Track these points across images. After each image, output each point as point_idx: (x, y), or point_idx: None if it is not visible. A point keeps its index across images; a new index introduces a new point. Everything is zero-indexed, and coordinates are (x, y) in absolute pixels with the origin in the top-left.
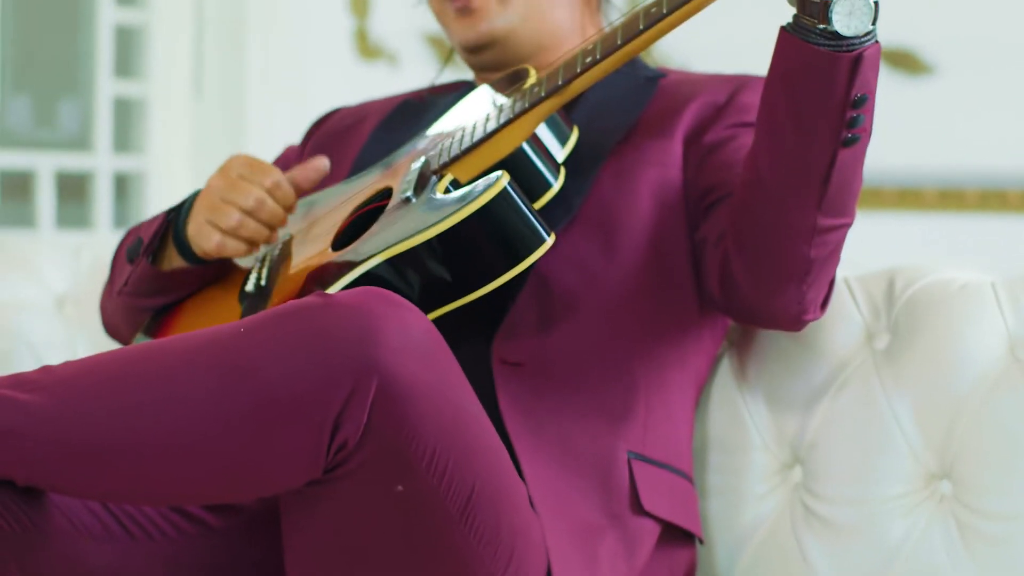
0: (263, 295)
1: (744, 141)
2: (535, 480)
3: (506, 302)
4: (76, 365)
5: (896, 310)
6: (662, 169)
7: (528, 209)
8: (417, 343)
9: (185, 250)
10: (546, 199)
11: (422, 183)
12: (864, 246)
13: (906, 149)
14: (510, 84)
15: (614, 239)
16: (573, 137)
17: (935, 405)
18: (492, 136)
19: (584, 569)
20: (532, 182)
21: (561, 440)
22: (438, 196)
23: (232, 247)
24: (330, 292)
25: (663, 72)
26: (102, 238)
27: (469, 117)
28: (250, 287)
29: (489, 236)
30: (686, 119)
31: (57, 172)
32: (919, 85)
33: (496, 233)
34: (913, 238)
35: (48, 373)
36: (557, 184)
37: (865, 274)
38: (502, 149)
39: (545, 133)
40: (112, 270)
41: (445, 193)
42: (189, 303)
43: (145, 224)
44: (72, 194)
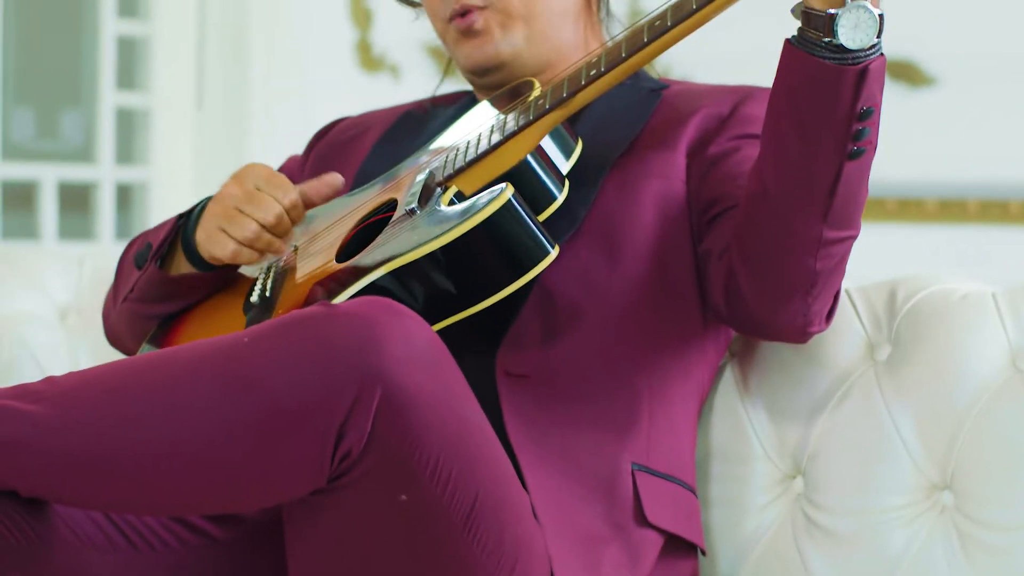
0: (267, 306)
1: (748, 153)
2: (539, 491)
3: (510, 314)
4: (80, 376)
5: (897, 321)
6: (665, 181)
7: (532, 221)
8: (421, 352)
9: (194, 256)
10: (550, 211)
11: (426, 195)
12: (865, 257)
13: (907, 160)
14: (514, 96)
15: (617, 251)
16: (577, 149)
17: (936, 416)
18: (496, 148)
19: None
20: (536, 194)
21: (565, 451)
22: (442, 208)
23: (246, 256)
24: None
25: (667, 83)
26: (105, 249)
27: (473, 129)
28: (255, 298)
29: (493, 248)
30: (689, 131)
31: (60, 183)
32: (921, 96)
33: (500, 245)
34: (914, 249)
35: (52, 384)
36: (561, 196)
37: (866, 285)
38: (507, 161)
39: (550, 145)
40: (117, 277)
41: (449, 205)
42: (194, 313)
43: (153, 230)
44: (75, 205)
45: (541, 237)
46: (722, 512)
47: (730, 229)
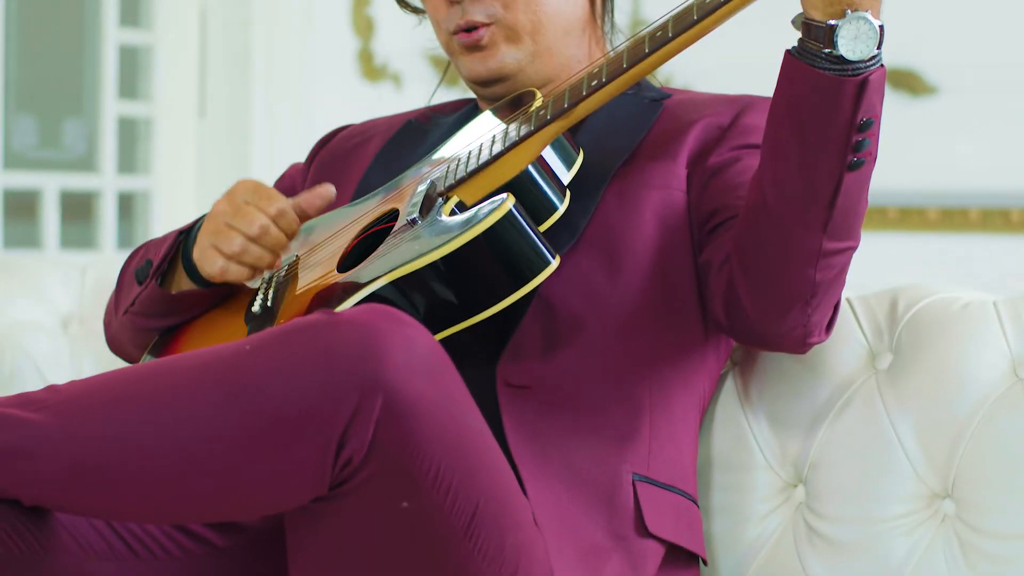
0: (269, 316)
1: (748, 163)
2: (540, 502)
3: (510, 324)
4: (82, 384)
5: (899, 330)
6: (666, 191)
7: (533, 231)
8: (422, 360)
9: (194, 273)
10: (552, 221)
11: (428, 205)
12: (866, 266)
13: (909, 169)
14: (516, 107)
15: (618, 261)
16: (579, 160)
17: (937, 424)
18: (498, 159)
19: None
20: (538, 204)
21: (566, 462)
22: (444, 218)
23: (235, 272)
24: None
25: (668, 93)
26: (107, 258)
27: (475, 139)
28: (256, 308)
29: (494, 258)
30: (690, 141)
31: (62, 192)
32: (922, 105)
33: (501, 255)
34: (916, 258)
35: (54, 392)
36: (563, 207)
37: (868, 294)
38: (508, 172)
39: (551, 155)
40: (119, 288)
41: (451, 215)
42: (195, 324)
43: (154, 244)
44: (77, 214)
45: (542, 247)
46: (723, 521)
47: (730, 240)
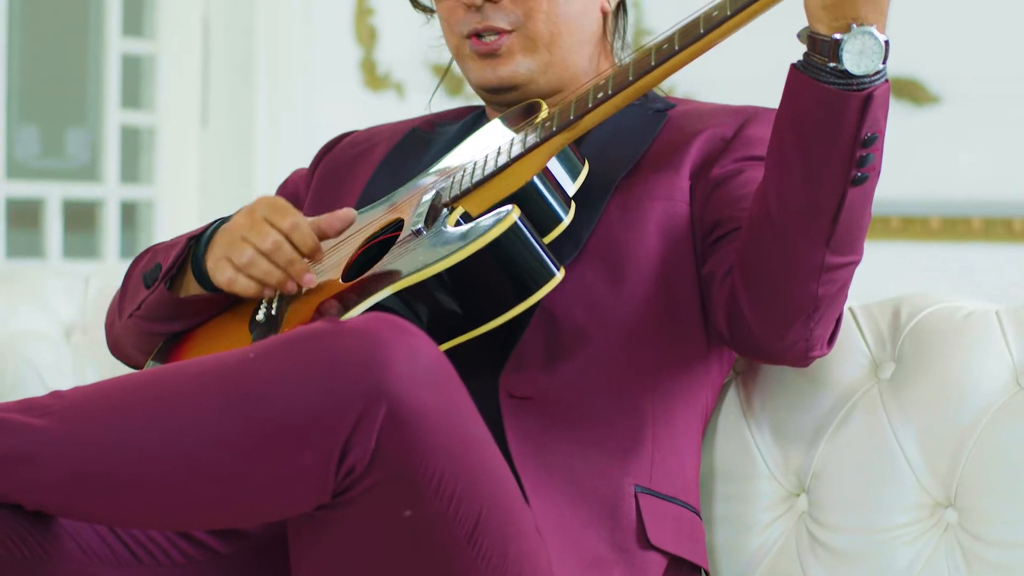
0: (273, 325)
1: (752, 175)
2: (542, 513)
3: (513, 336)
4: (86, 390)
5: (901, 339)
6: (669, 203)
7: (538, 243)
8: (425, 369)
9: (203, 279)
10: (557, 233)
11: (433, 215)
12: (869, 275)
13: (911, 178)
14: (522, 117)
15: (621, 272)
16: (584, 171)
17: (940, 433)
18: (503, 170)
19: None
20: (543, 216)
21: (568, 474)
22: (449, 229)
23: (242, 284)
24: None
25: (673, 103)
26: (110, 267)
27: (480, 150)
28: (260, 316)
29: (499, 270)
30: (693, 152)
31: (65, 201)
32: (925, 114)
33: (506, 267)
34: (918, 267)
35: (58, 398)
36: (568, 218)
37: (870, 303)
38: (513, 183)
39: (556, 167)
40: (124, 291)
41: (456, 226)
42: (200, 330)
43: (162, 248)
44: (80, 223)
45: (547, 259)
46: (726, 530)
47: (733, 252)
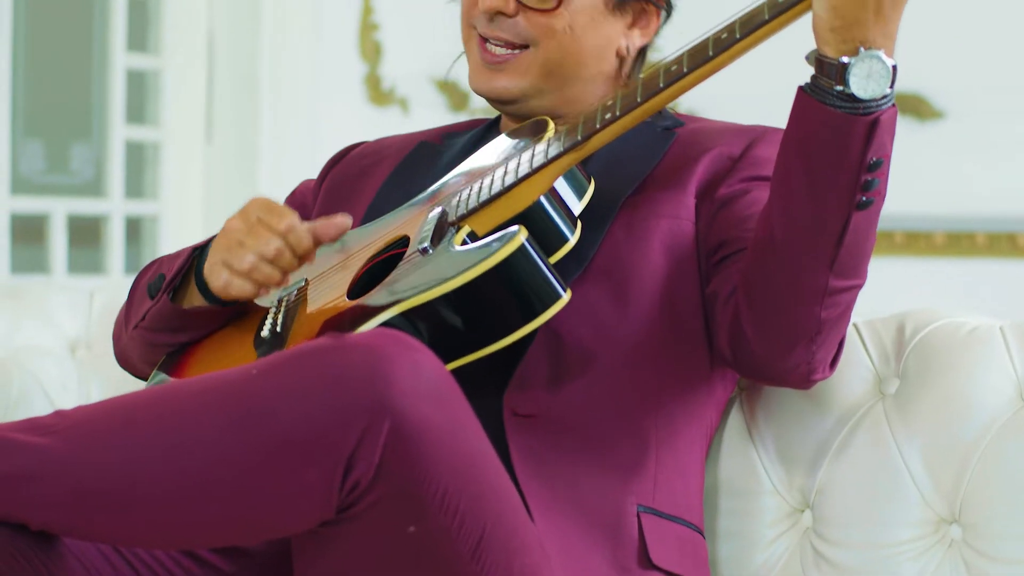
0: (278, 341)
1: (757, 195)
2: (546, 531)
3: (517, 354)
4: (89, 409)
5: (906, 355)
6: (675, 221)
7: (545, 265)
8: (429, 384)
9: (206, 290)
10: (563, 253)
11: (439, 234)
12: (873, 291)
13: (916, 193)
14: (530, 134)
15: (626, 291)
16: (590, 190)
17: (944, 449)
18: (510, 189)
19: None
20: (549, 236)
21: (571, 492)
22: (455, 248)
23: (237, 286)
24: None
25: (681, 121)
26: (115, 283)
27: (487, 167)
28: (266, 332)
29: (505, 291)
30: (700, 171)
31: (70, 217)
32: (929, 130)
33: (512, 289)
34: (922, 282)
35: (61, 417)
36: (574, 238)
37: (874, 319)
38: (520, 202)
39: (563, 186)
40: (130, 302)
41: (462, 245)
42: (205, 344)
43: (168, 259)
44: (85, 239)
45: (553, 281)
46: (731, 546)
47: (737, 272)
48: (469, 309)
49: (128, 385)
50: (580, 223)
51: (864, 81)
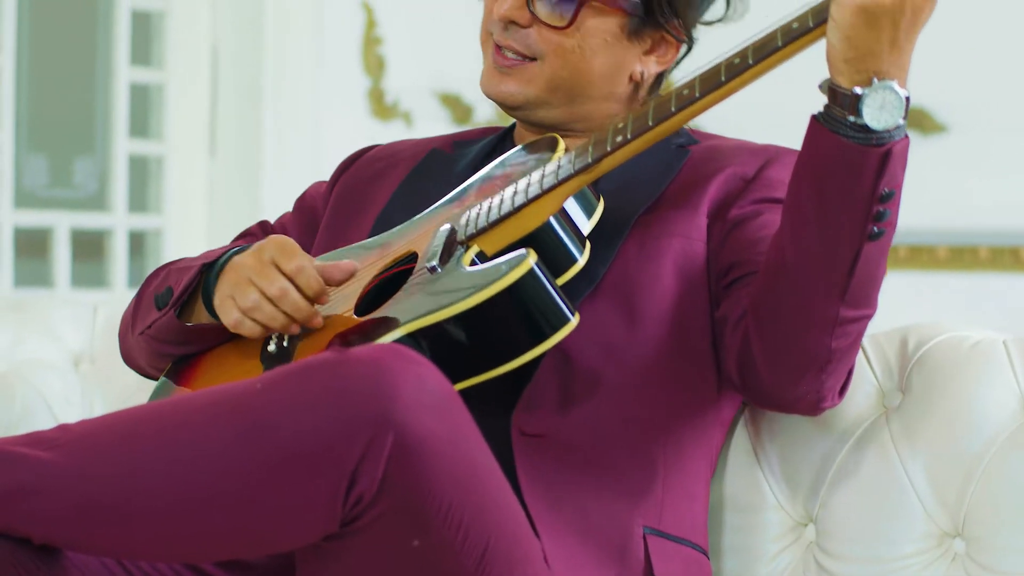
0: (285, 357)
1: (769, 218)
2: (553, 552)
3: (526, 375)
4: (93, 423)
5: (909, 369)
6: (687, 241)
7: (553, 288)
8: (433, 397)
9: (213, 311)
10: (571, 274)
11: (448, 252)
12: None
13: (918, 207)
14: (539, 152)
15: (636, 311)
16: (599, 209)
17: (948, 463)
18: (520, 210)
19: None
20: (558, 257)
21: (578, 513)
22: (464, 269)
23: (248, 327)
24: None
25: (696, 138)
26: (118, 296)
27: (497, 184)
28: (272, 348)
29: (513, 315)
30: (712, 191)
31: (73, 231)
32: (932, 144)
33: (520, 312)
34: (925, 296)
35: (65, 431)
36: (583, 259)
37: (878, 333)
38: (529, 223)
39: (572, 206)
40: (136, 306)
41: (471, 266)
42: (212, 355)
43: (176, 270)
44: (88, 253)
45: (562, 305)
46: (734, 561)
47: (747, 296)
48: (476, 332)
49: (132, 399)
50: (589, 243)
51: (877, 112)
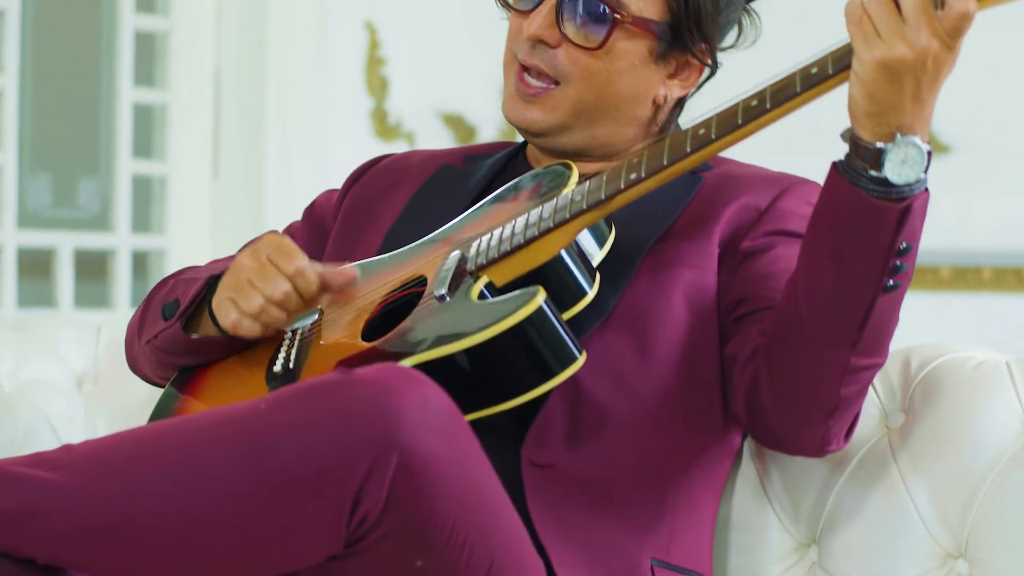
0: (291, 377)
1: (781, 252)
2: None
3: (536, 405)
4: (97, 444)
5: (912, 389)
6: (698, 272)
7: (561, 326)
8: (436, 418)
9: (216, 320)
10: (580, 307)
11: (456, 281)
12: None
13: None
14: (553, 180)
15: (647, 342)
16: (611, 238)
17: (951, 484)
18: (531, 243)
19: None
20: (568, 290)
21: (588, 544)
22: (472, 301)
23: (247, 327)
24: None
25: (710, 164)
26: (122, 317)
27: (508, 210)
28: (278, 368)
29: (520, 353)
30: (724, 221)
31: (77, 251)
32: (935, 164)
33: (527, 350)
34: (929, 317)
35: (69, 452)
36: (592, 292)
37: None
38: (540, 256)
39: (585, 237)
40: (144, 314)
41: (480, 299)
42: (217, 368)
43: (184, 281)
44: (92, 273)
45: (569, 343)
46: None
47: (758, 334)
48: (483, 367)
49: (135, 420)
50: (599, 275)
51: (899, 167)
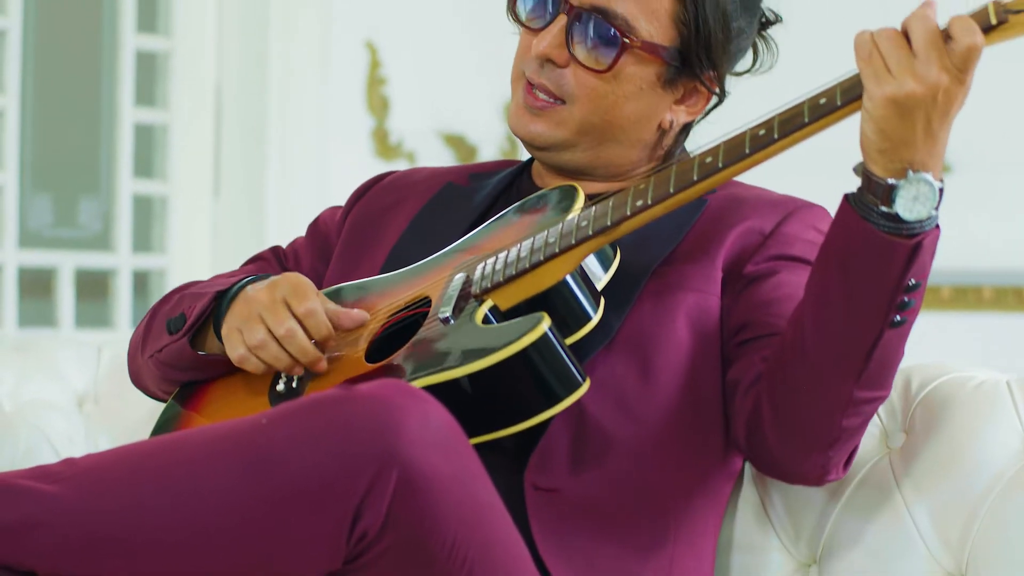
0: (293, 397)
1: (785, 277)
2: None
3: (540, 429)
4: (99, 457)
5: (912, 409)
6: (702, 295)
7: (565, 353)
8: (437, 434)
9: (222, 340)
10: (585, 331)
11: (461, 304)
12: None
13: None
14: (558, 203)
15: (651, 365)
16: (615, 262)
17: (951, 504)
18: (536, 268)
19: None
20: (572, 314)
21: (590, 567)
22: (477, 325)
23: (252, 364)
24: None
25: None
26: (123, 337)
27: (513, 233)
28: (281, 387)
29: (524, 379)
30: (728, 245)
31: (78, 270)
32: None
33: (531, 376)
34: (929, 336)
35: (71, 465)
36: (597, 316)
37: None
38: (545, 280)
39: (590, 262)
40: (148, 327)
41: (485, 323)
42: (221, 384)
43: (189, 296)
44: (92, 293)
45: (573, 370)
46: None
47: (760, 361)
48: (486, 392)
49: (136, 440)
50: (603, 299)
51: (911, 203)
